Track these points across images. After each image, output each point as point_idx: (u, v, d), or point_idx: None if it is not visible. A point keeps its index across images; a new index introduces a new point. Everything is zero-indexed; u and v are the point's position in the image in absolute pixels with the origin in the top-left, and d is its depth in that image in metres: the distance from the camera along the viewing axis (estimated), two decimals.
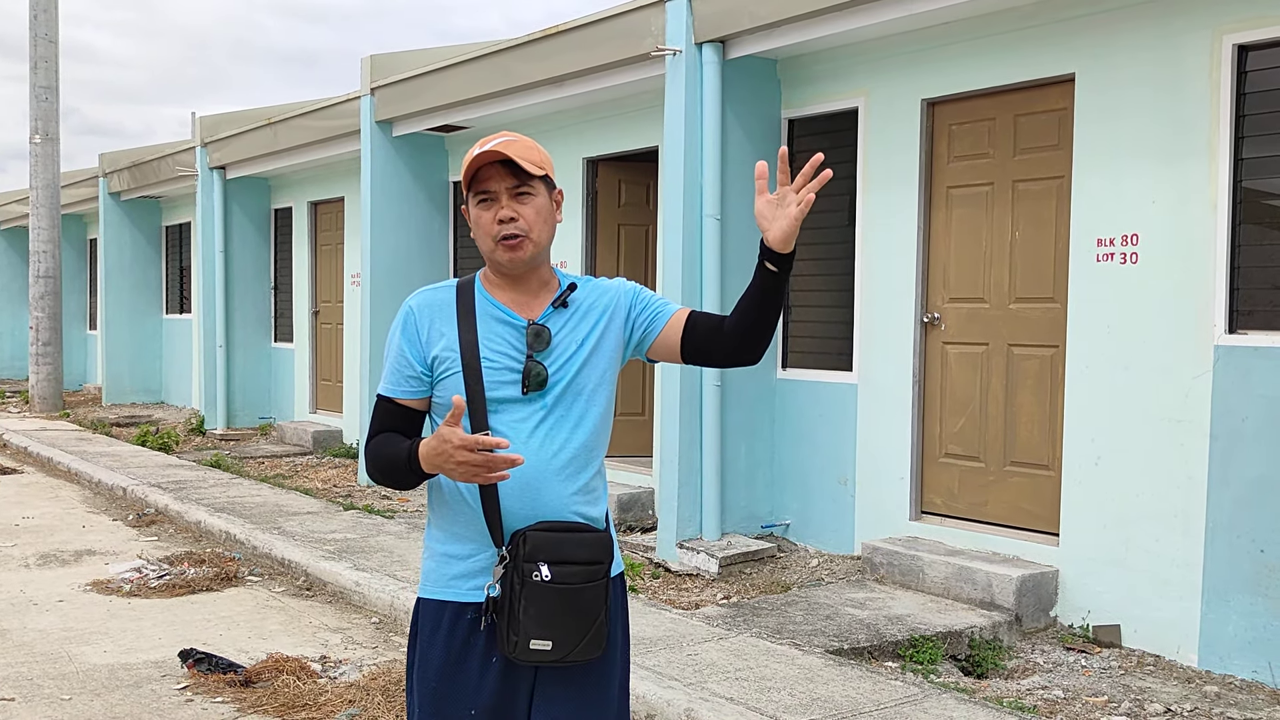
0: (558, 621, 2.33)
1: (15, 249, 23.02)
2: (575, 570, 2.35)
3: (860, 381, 7.13)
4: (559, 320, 2.47)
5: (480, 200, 2.43)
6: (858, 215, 7.14)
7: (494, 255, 2.44)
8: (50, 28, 16.59)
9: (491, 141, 2.40)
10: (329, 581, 6.79)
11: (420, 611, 2.47)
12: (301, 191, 13.90)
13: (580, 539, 2.38)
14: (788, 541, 7.50)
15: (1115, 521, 5.80)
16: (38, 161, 16.74)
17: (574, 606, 2.34)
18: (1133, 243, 5.74)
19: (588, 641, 2.37)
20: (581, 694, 2.45)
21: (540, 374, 2.41)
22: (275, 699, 4.85)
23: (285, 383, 14.41)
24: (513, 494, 2.38)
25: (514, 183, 2.42)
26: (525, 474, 2.37)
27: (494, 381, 2.40)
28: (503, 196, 2.41)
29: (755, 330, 2.45)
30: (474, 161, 2.39)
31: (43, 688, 5.03)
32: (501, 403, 2.40)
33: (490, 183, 2.41)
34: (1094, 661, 5.52)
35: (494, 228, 2.41)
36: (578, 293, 2.51)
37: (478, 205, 2.44)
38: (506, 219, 2.40)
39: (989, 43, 6.39)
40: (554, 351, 2.44)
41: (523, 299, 2.48)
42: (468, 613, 2.41)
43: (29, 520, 8.90)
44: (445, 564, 2.45)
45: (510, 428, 2.39)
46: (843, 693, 4.65)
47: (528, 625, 2.31)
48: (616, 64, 7.85)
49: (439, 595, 2.44)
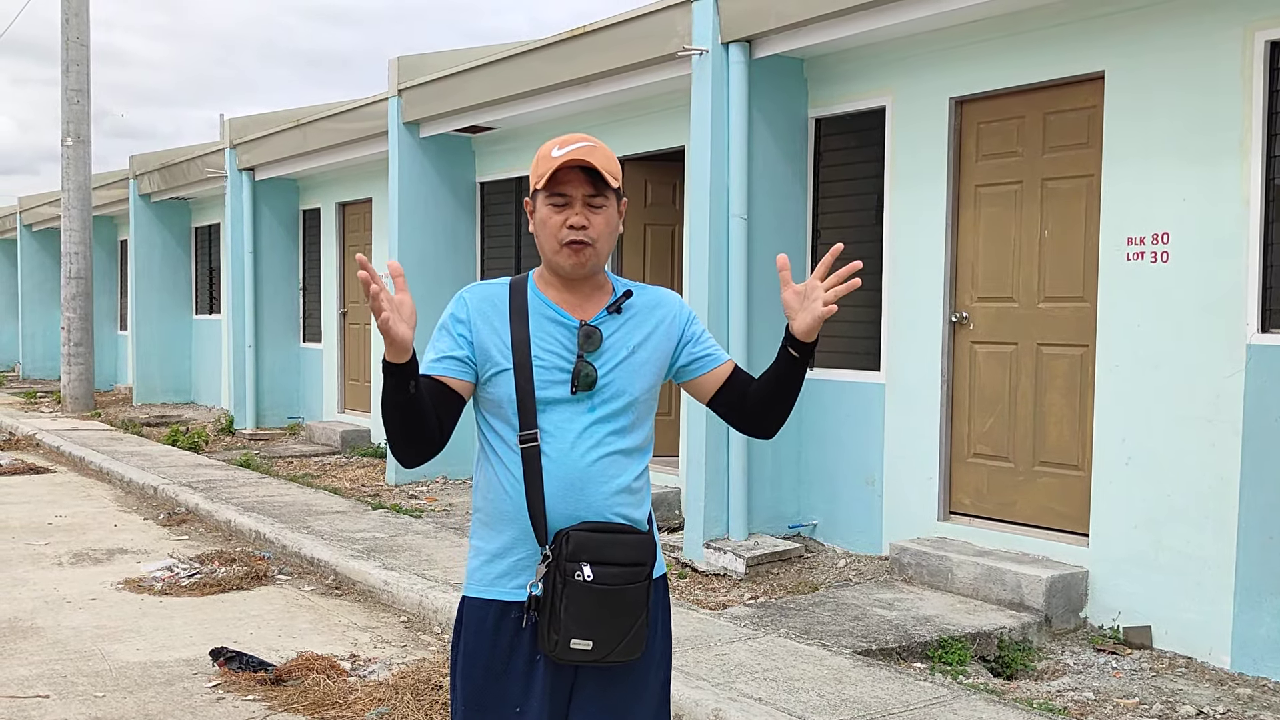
0: (598, 622, 2.34)
1: (47, 250, 23.27)
2: (617, 571, 2.36)
3: (888, 381, 7.10)
4: (611, 324, 2.49)
5: (554, 202, 2.43)
6: (885, 214, 7.12)
7: (555, 258, 2.45)
8: (82, 31, 16.75)
9: (572, 145, 2.40)
10: (358, 580, 6.83)
11: (465, 610, 2.48)
12: (329, 193, 13.98)
13: (623, 540, 2.40)
14: (815, 542, 7.49)
15: (1146, 522, 5.76)
16: (69, 164, 16.91)
17: (615, 607, 2.36)
18: (1163, 241, 5.70)
19: (628, 642, 2.39)
20: (618, 695, 2.47)
21: (590, 374, 2.43)
22: (305, 697, 4.89)
23: (313, 383, 14.50)
24: (557, 493, 2.39)
25: (590, 190, 2.43)
26: (570, 473, 2.40)
27: (544, 380, 2.41)
28: (577, 203, 2.42)
29: (775, 413, 2.58)
30: (557, 164, 2.39)
31: (76, 685, 5.09)
32: (551, 402, 2.42)
33: (568, 186, 2.41)
34: (1125, 663, 5.48)
35: (563, 231, 2.42)
36: (632, 299, 2.54)
37: (548, 206, 2.43)
38: (579, 225, 2.42)
39: (1017, 40, 6.35)
40: (604, 354, 2.46)
41: (576, 300, 2.50)
42: (512, 612, 2.42)
43: (62, 519, 8.99)
44: (489, 563, 2.46)
45: (558, 427, 2.41)
46: (871, 693, 4.64)
47: (568, 624, 2.33)
48: (643, 64, 7.86)
49: (483, 594, 2.45)
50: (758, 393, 2.57)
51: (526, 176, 2.76)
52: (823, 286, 2.44)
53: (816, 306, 2.42)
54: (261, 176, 14.09)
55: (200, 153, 15.34)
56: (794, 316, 2.46)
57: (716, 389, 2.61)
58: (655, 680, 2.53)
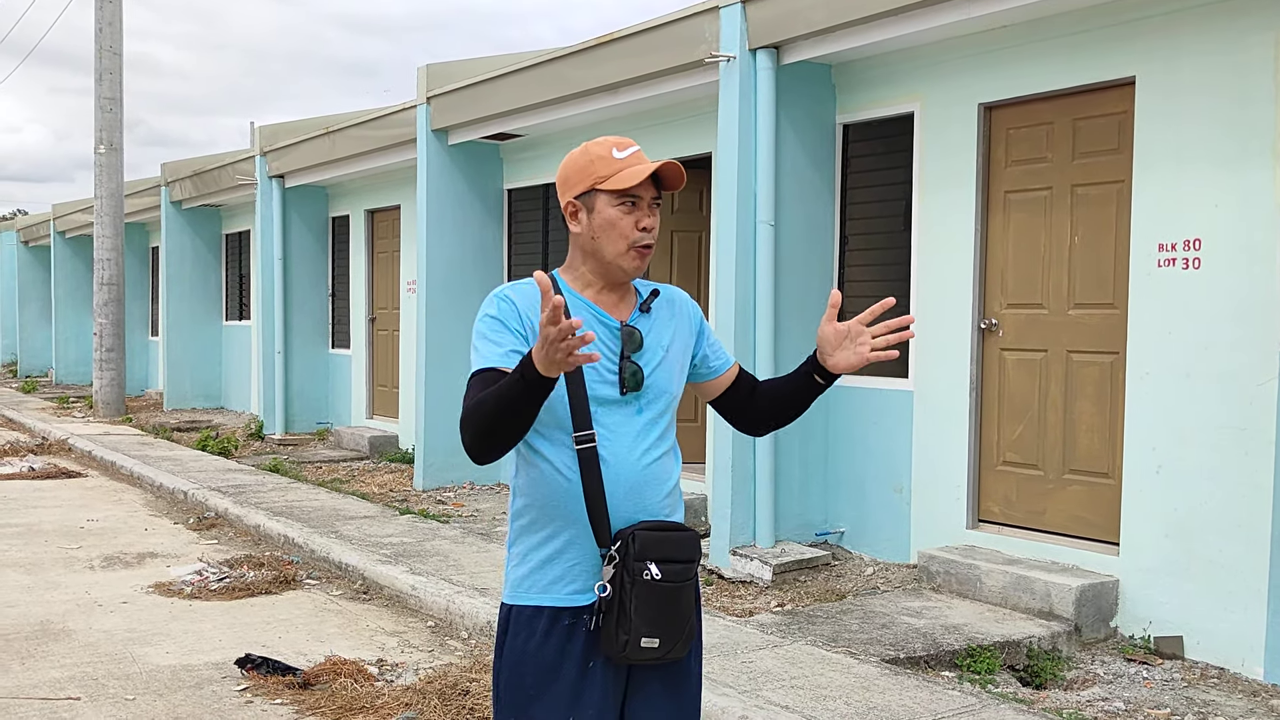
0: (665, 619, 2.37)
1: (80, 257, 23.51)
2: (678, 569, 2.39)
3: (916, 388, 7.07)
4: (645, 324, 2.51)
5: (624, 203, 2.42)
6: (913, 220, 7.09)
7: (620, 260, 2.44)
8: (115, 40, 16.92)
9: (631, 148, 2.44)
10: (385, 585, 6.86)
11: (512, 618, 2.44)
12: (359, 200, 14.06)
13: (679, 538, 2.42)
14: (842, 549, 7.46)
15: (1177, 531, 5.71)
16: (102, 171, 17.08)
17: (678, 604, 2.39)
18: (1195, 247, 5.65)
19: (684, 639, 2.43)
20: (675, 691, 2.50)
21: (637, 374, 2.44)
22: (333, 701, 4.91)
23: (342, 388, 14.58)
24: (619, 495, 2.40)
25: (655, 194, 2.45)
26: (630, 476, 2.41)
27: (594, 381, 2.41)
28: (645, 204, 2.44)
29: (779, 422, 2.69)
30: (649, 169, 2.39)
31: (107, 687, 5.13)
32: (602, 403, 2.41)
33: (640, 188, 2.42)
34: (1156, 673, 5.43)
35: (635, 233, 2.42)
36: (657, 299, 2.56)
37: (617, 207, 2.42)
38: (650, 227, 2.43)
39: (1047, 46, 6.32)
40: (645, 354, 2.48)
41: (611, 301, 2.50)
42: (564, 618, 2.40)
43: (93, 523, 9.08)
44: (540, 570, 2.43)
45: (612, 429, 2.41)
46: (899, 702, 4.61)
47: (638, 624, 2.34)
48: (670, 71, 7.87)
49: (535, 601, 2.42)
50: (768, 402, 2.66)
51: (553, 183, 2.77)
52: (869, 332, 2.51)
53: (864, 350, 2.49)
54: (291, 183, 14.19)
55: (231, 160, 15.47)
56: (830, 352, 2.52)
57: (724, 390, 2.67)
58: (696, 671, 2.56)
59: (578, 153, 2.48)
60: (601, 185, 2.41)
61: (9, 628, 6.05)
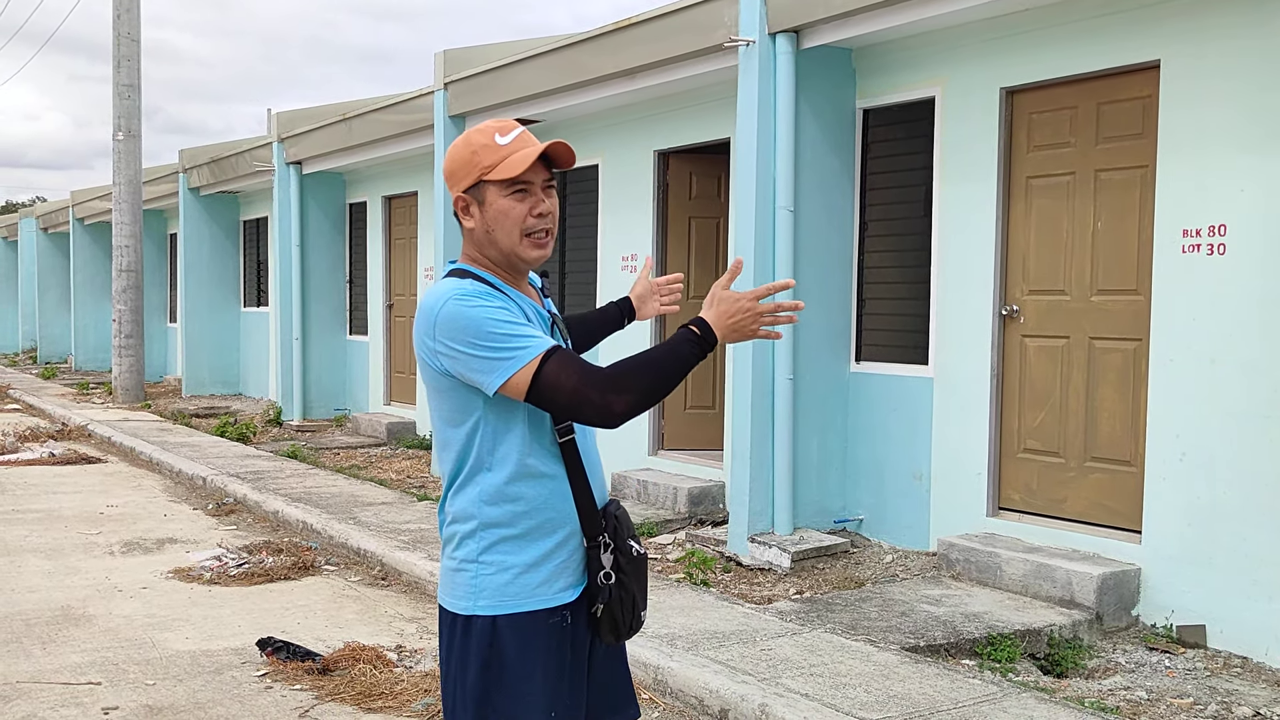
0: (646, 589, 2.47)
1: (99, 244, 23.59)
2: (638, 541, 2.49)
3: (936, 375, 7.03)
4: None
5: (515, 191, 2.31)
6: (934, 206, 7.04)
7: (519, 250, 2.33)
8: (133, 26, 16.94)
9: (515, 130, 2.33)
10: (404, 571, 6.86)
11: (501, 631, 2.30)
12: (376, 186, 14.05)
13: (625, 510, 2.51)
14: (861, 537, 7.43)
15: (1201, 519, 5.66)
16: (120, 158, 17.12)
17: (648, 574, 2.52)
18: (1220, 233, 5.59)
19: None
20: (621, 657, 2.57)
21: None
22: (353, 687, 4.91)
23: (360, 375, 14.60)
24: (596, 482, 2.43)
25: (547, 176, 2.35)
26: (594, 460, 2.45)
27: None
28: (538, 189, 2.34)
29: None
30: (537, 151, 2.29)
31: (128, 672, 5.14)
32: None
33: (530, 173, 2.31)
34: (1178, 662, 5.39)
35: (529, 221, 2.32)
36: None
37: (509, 196, 2.31)
38: (546, 212, 2.34)
39: (1070, 29, 6.25)
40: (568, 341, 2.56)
41: (526, 290, 2.46)
42: (552, 617, 2.34)
43: (113, 509, 9.11)
44: (526, 574, 2.32)
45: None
46: (920, 690, 4.59)
47: (638, 599, 2.42)
48: (689, 56, 7.82)
49: (524, 607, 2.32)
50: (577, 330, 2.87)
51: (572, 169, 2.72)
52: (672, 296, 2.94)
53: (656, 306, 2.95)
54: (309, 170, 14.19)
55: (248, 147, 15.48)
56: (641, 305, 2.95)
57: None
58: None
59: (459, 143, 2.36)
60: (488, 175, 2.30)
61: (31, 613, 6.08)
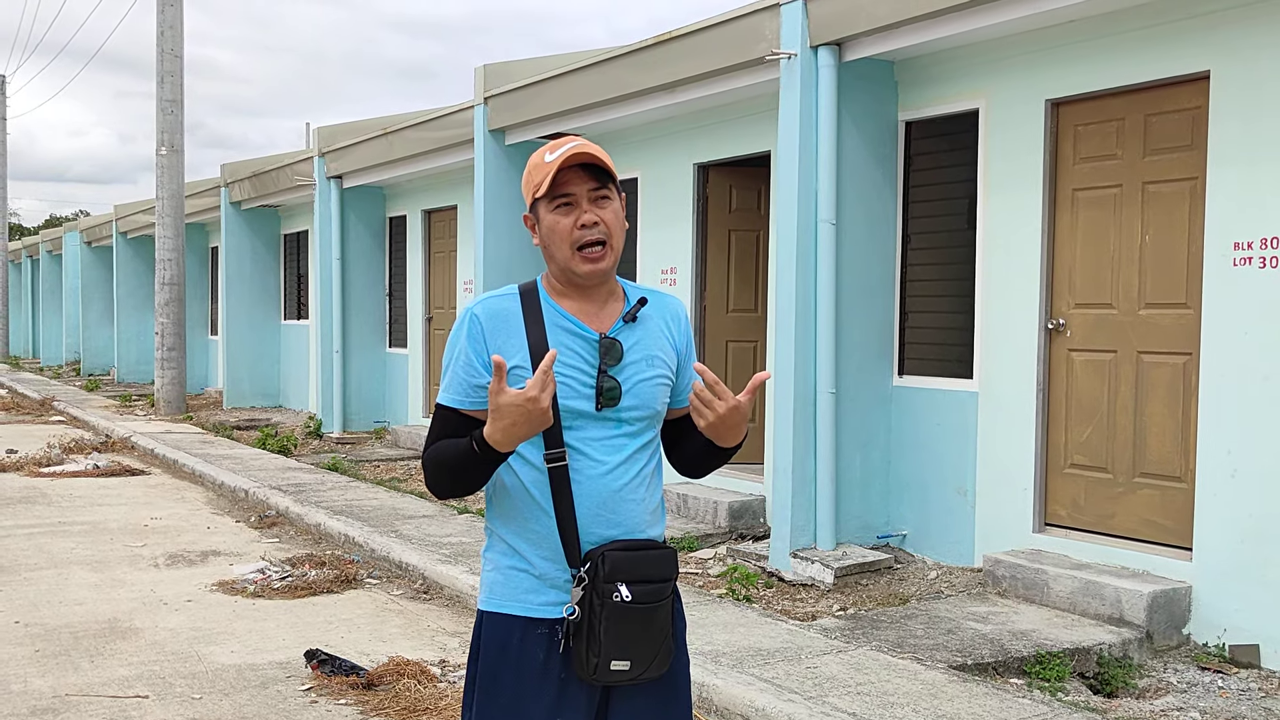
0: (635, 641, 2.29)
1: (141, 257, 23.86)
2: (651, 589, 2.30)
3: (981, 389, 6.96)
4: (629, 334, 2.38)
5: (559, 205, 2.31)
6: (978, 218, 6.98)
7: (571, 265, 2.32)
8: (175, 43, 17.15)
9: (562, 147, 2.31)
10: (446, 585, 6.87)
11: (485, 626, 2.38)
12: (416, 200, 14.13)
13: (654, 556, 2.33)
14: (904, 553, 7.36)
15: (1253, 536, 5.56)
16: (163, 172, 17.31)
17: (650, 626, 2.31)
18: (1273, 246, 5.50)
19: (660, 657, 2.35)
20: (659, 703, 2.41)
21: (614, 390, 2.33)
22: (397, 702, 4.91)
23: (399, 387, 14.67)
24: (590, 514, 2.32)
25: (594, 185, 2.32)
26: (603, 494, 2.32)
27: (567, 395, 2.31)
28: (583, 200, 2.31)
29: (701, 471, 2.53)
30: (555, 165, 2.28)
31: (174, 686, 5.17)
32: (576, 418, 2.32)
33: (570, 186, 2.30)
34: (1231, 682, 5.30)
35: (576, 234, 2.30)
36: (645, 307, 2.43)
37: (555, 211, 2.31)
38: (591, 223, 2.30)
39: (1116, 40, 6.19)
40: (626, 366, 2.36)
41: (591, 309, 2.38)
42: (538, 628, 2.33)
43: (157, 521, 9.19)
44: (513, 577, 2.36)
45: (587, 445, 2.32)
46: (968, 709, 4.53)
47: (608, 647, 2.26)
48: (730, 69, 7.81)
49: (506, 609, 2.35)
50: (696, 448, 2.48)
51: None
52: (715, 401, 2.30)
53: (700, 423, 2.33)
54: (349, 184, 14.30)
55: (289, 161, 15.62)
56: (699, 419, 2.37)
57: (675, 419, 2.53)
58: (684, 684, 2.47)
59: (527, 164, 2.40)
60: (538, 194, 2.32)
61: (78, 625, 6.13)
